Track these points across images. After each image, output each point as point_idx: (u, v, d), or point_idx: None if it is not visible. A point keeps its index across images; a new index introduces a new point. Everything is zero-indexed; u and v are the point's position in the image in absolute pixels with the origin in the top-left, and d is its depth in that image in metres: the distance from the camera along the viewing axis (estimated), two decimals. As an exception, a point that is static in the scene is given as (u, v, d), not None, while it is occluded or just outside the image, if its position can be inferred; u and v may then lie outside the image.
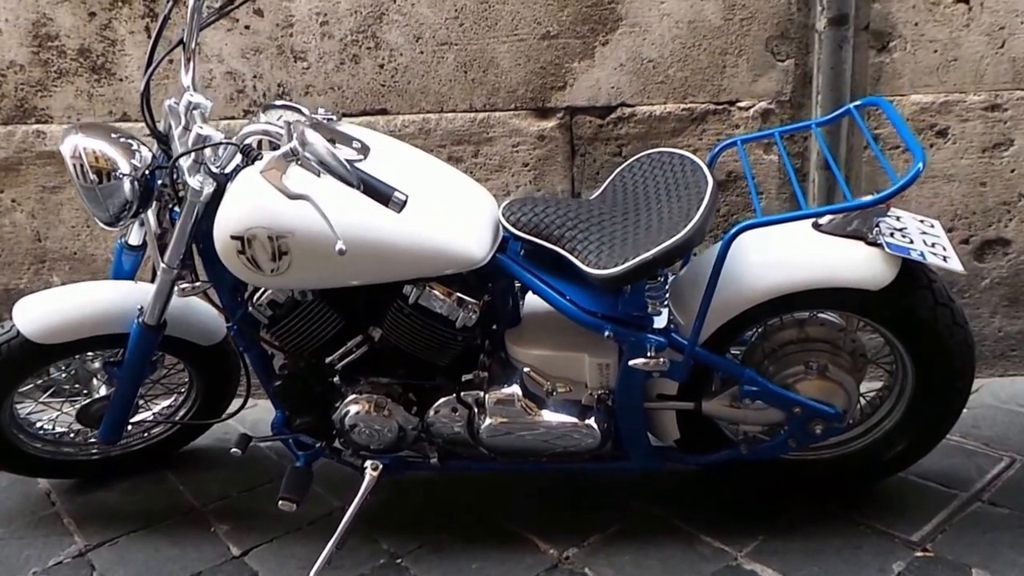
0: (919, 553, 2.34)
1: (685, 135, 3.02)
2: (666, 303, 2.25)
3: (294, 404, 2.45)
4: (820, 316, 2.36)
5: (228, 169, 2.20)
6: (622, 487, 2.69)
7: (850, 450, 2.52)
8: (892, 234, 2.18)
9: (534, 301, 2.39)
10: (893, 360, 2.45)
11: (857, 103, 2.34)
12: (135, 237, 2.55)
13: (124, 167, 2.22)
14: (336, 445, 2.49)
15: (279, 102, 2.17)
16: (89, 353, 2.67)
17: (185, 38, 2.25)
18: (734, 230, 2.05)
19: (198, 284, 2.33)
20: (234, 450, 2.41)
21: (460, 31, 2.98)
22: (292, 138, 1.83)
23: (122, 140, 2.27)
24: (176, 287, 2.33)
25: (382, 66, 3.04)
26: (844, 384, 2.31)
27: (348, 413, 2.37)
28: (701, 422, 2.41)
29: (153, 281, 2.38)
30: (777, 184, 3.05)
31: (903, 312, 2.23)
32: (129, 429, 2.78)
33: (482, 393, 2.36)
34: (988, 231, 3.05)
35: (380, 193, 1.82)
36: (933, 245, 2.17)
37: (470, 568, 2.41)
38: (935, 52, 2.88)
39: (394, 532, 2.55)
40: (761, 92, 2.97)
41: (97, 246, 3.30)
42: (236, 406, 2.75)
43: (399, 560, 2.46)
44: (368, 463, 2.42)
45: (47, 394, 2.81)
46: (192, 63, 2.24)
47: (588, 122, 3.05)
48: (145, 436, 2.92)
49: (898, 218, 2.28)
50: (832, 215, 2.23)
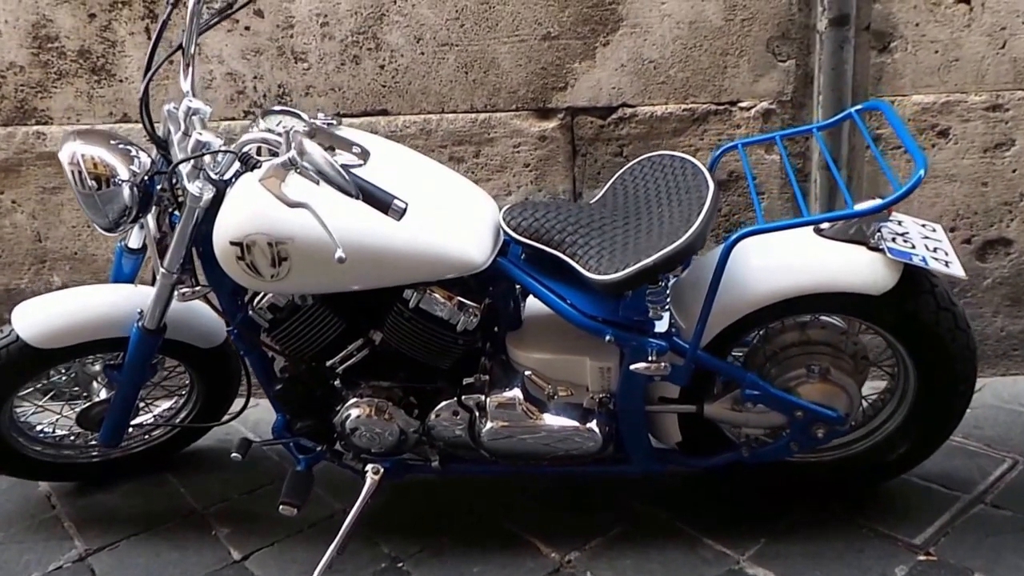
0: (922, 557, 2.34)
1: (686, 135, 3.02)
2: (667, 307, 2.25)
3: (295, 407, 2.44)
4: (822, 319, 2.36)
5: (227, 175, 2.19)
6: (624, 489, 2.68)
7: (852, 452, 2.52)
8: (894, 239, 2.17)
9: (535, 304, 2.37)
10: (895, 363, 2.44)
11: (858, 107, 2.34)
12: (135, 240, 2.54)
13: (123, 173, 2.21)
14: (337, 448, 2.47)
15: (278, 107, 2.17)
16: (89, 357, 2.66)
17: (184, 43, 2.23)
18: (734, 237, 2.04)
19: (198, 288, 2.32)
20: (234, 455, 2.40)
21: (461, 32, 2.97)
22: (290, 147, 1.82)
23: (121, 146, 2.26)
24: (176, 291, 2.32)
25: (383, 67, 3.03)
26: (846, 387, 2.30)
27: (349, 416, 2.37)
28: (703, 425, 2.41)
29: (153, 284, 2.37)
30: (779, 184, 3.05)
31: (905, 316, 2.23)
32: (130, 431, 2.77)
33: (483, 396, 2.36)
34: (990, 231, 3.05)
35: (380, 201, 1.81)
36: (935, 250, 2.17)
37: (471, 572, 2.41)
38: (936, 52, 2.88)
39: (395, 535, 2.55)
40: (762, 92, 2.97)
41: (98, 246, 3.29)
42: (237, 409, 2.74)
43: (400, 564, 2.45)
44: (369, 467, 2.42)
45: (47, 397, 2.80)
46: (191, 68, 2.23)
47: (589, 122, 3.04)
48: (146, 438, 2.91)
49: (900, 222, 2.27)
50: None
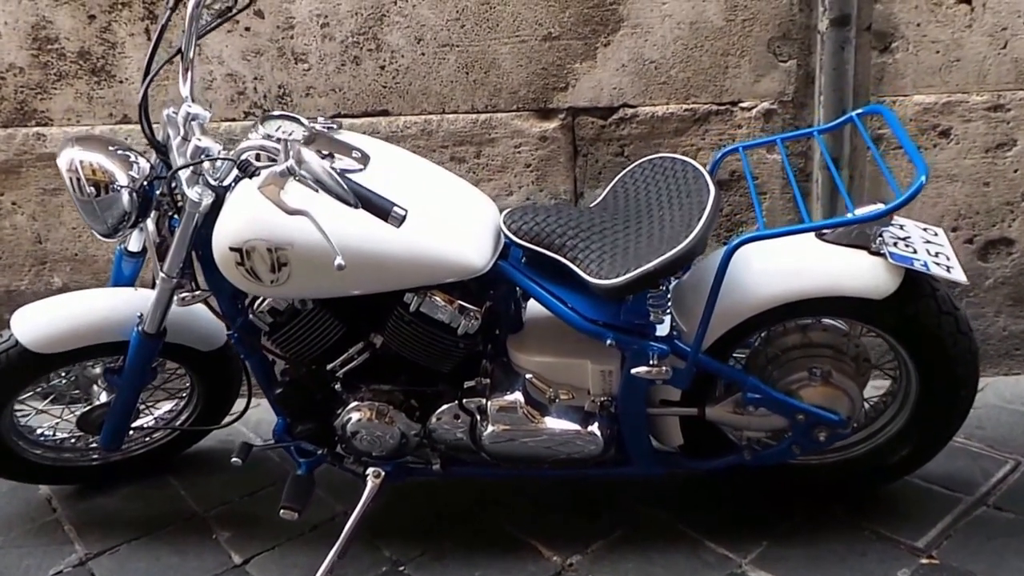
0: (924, 560, 2.34)
1: (687, 135, 3.01)
2: (668, 311, 2.24)
3: (296, 411, 2.43)
4: (824, 321, 2.35)
5: (226, 181, 2.19)
6: (625, 491, 2.68)
7: (854, 455, 2.51)
8: (895, 243, 2.16)
9: (536, 307, 2.36)
10: (897, 365, 2.43)
11: (859, 111, 2.32)
12: (135, 243, 2.52)
13: (122, 179, 2.20)
14: (338, 451, 2.47)
15: (277, 112, 2.16)
16: (89, 360, 2.65)
17: (183, 47, 2.22)
18: (734, 243, 2.04)
19: (198, 293, 2.31)
20: (235, 459, 2.39)
21: (461, 32, 2.96)
22: (288, 156, 1.82)
23: (119, 152, 2.25)
24: (176, 296, 2.32)
25: (383, 67, 3.02)
26: (848, 391, 2.29)
27: (350, 420, 2.36)
28: (705, 427, 2.40)
29: (153, 287, 2.37)
30: (781, 184, 3.04)
31: (907, 320, 2.22)
32: (130, 434, 2.77)
33: (484, 400, 2.35)
34: (992, 231, 3.04)
35: (379, 208, 1.80)
36: (937, 255, 2.16)
37: (473, 575, 2.42)
38: (937, 53, 2.87)
39: (396, 539, 2.55)
40: (763, 93, 2.96)
41: (98, 248, 3.28)
42: (237, 413, 2.73)
43: (401, 567, 2.45)
44: (370, 470, 2.42)
45: (47, 401, 2.79)
46: (190, 73, 2.21)
47: (590, 123, 3.03)
48: (146, 441, 2.90)
49: (901, 227, 2.26)
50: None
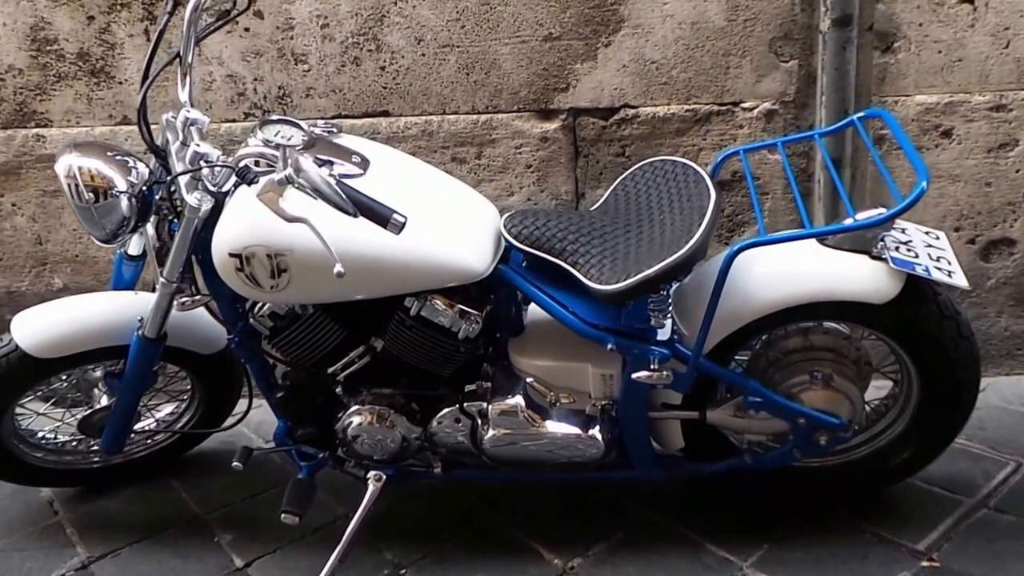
0: (925, 563, 2.33)
1: (689, 136, 3.00)
2: (669, 315, 2.24)
3: (296, 415, 2.44)
4: (825, 324, 2.34)
5: (225, 187, 2.18)
6: (626, 494, 2.67)
7: (855, 457, 2.51)
8: (897, 248, 2.15)
9: (537, 310, 2.36)
10: (898, 368, 2.43)
11: (860, 114, 2.31)
12: (135, 247, 2.52)
13: (121, 185, 2.19)
14: (339, 455, 2.46)
15: (275, 116, 2.15)
16: (90, 364, 2.64)
17: (181, 52, 2.21)
18: (734, 249, 2.03)
19: (198, 298, 2.31)
20: (235, 464, 2.38)
21: (462, 33, 2.95)
22: (286, 165, 1.81)
23: (118, 158, 2.24)
24: (176, 301, 2.31)
25: (383, 68, 3.01)
26: (849, 394, 2.29)
27: (351, 424, 2.36)
28: (706, 430, 2.40)
29: (154, 290, 2.36)
30: (783, 184, 3.03)
31: (908, 325, 2.22)
32: (132, 437, 2.77)
33: (485, 404, 2.35)
34: (994, 231, 3.03)
35: (379, 215, 1.80)
36: (938, 259, 2.15)
37: (474, 579, 2.42)
38: (939, 53, 2.86)
39: (398, 542, 2.55)
40: (765, 93, 2.95)
41: (98, 249, 3.27)
42: (238, 416, 2.73)
43: (403, 571, 2.45)
44: (371, 474, 2.41)
45: (48, 404, 2.78)
46: (189, 78, 2.21)
47: (591, 123, 3.02)
48: (148, 443, 2.90)
49: (903, 230, 2.26)
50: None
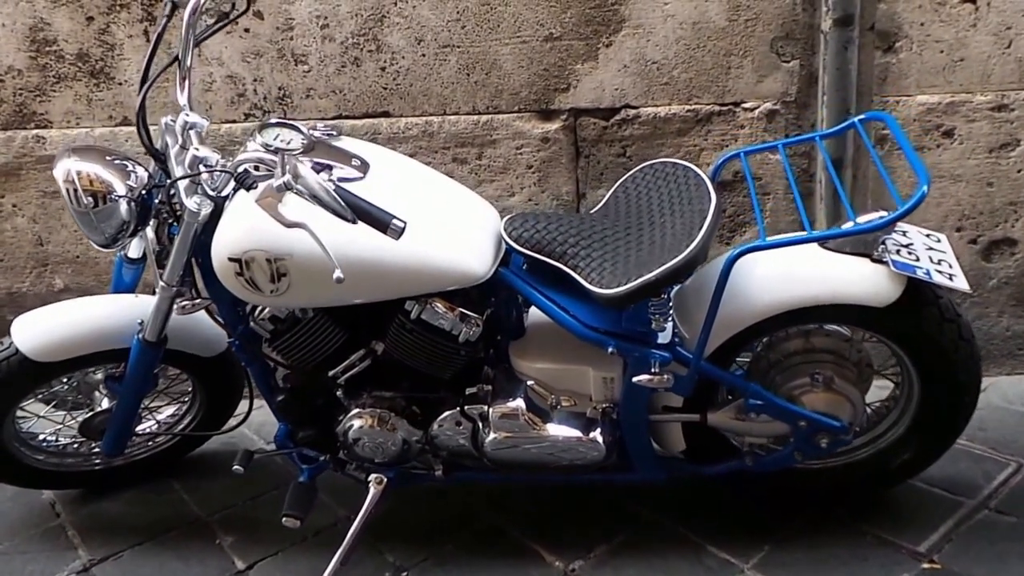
0: (926, 565, 2.33)
1: (690, 136, 2.99)
2: (670, 318, 2.23)
3: (297, 418, 2.43)
4: (826, 326, 2.34)
5: (225, 192, 2.18)
6: (628, 495, 2.67)
7: (856, 458, 2.51)
8: (898, 251, 2.15)
9: (538, 313, 2.35)
10: (900, 370, 2.42)
11: (861, 117, 2.30)
12: (135, 250, 2.52)
13: (120, 189, 2.19)
14: (340, 457, 2.46)
15: (274, 120, 2.15)
16: (91, 367, 2.64)
17: (180, 55, 2.20)
18: (734, 253, 2.03)
19: (198, 301, 2.30)
20: (236, 467, 2.38)
21: (462, 33, 2.95)
22: (285, 171, 1.81)
23: (116, 162, 2.23)
24: (176, 304, 2.31)
25: (383, 69, 3.01)
26: (850, 396, 2.29)
27: (352, 427, 2.36)
28: (707, 433, 2.40)
29: (155, 293, 2.36)
30: (784, 185, 3.03)
31: (909, 328, 2.22)
32: (133, 439, 2.77)
33: (486, 407, 2.35)
34: (995, 231, 3.03)
35: (378, 221, 1.79)
36: (939, 262, 2.15)
37: (476, 581, 2.42)
38: (941, 52, 2.85)
39: (399, 544, 2.55)
40: (766, 93, 2.94)
41: (99, 250, 3.27)
42: (239, 418, 2.73)
43: (404, 573, 2.45)
44: (372, 477, 2.41)
45: (49, 407, 2.78)
46: (187, 81, 2.19)
47: (592, 124, 3.02)
48: (149, 445, 2.90)
49: (904, 233, 2.25)
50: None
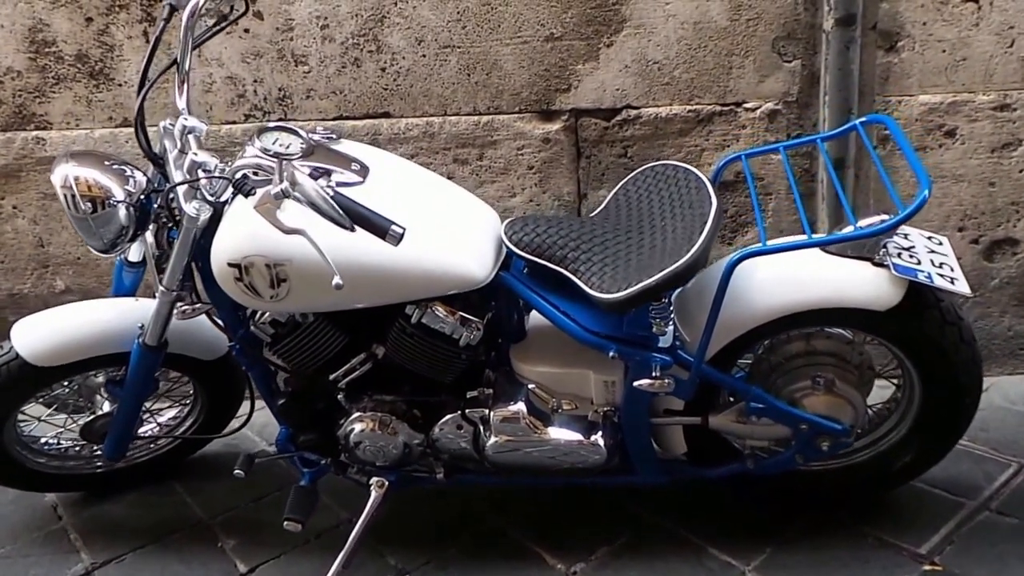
0: (927, 567, 2.33)
1: (691, 137, 2.99)
2: (671, 322, 2.23)
3: (298, 421, 2.43)
4: (827, 329, 2.34)
5: (224, 197, 2.17)
6: (629, 498, 2.67)
7: (857, 460, 2.50)
8: (899, 254, 2.14)
9: (539, 316, 2.35)
10: (901, 373, 2.42)
11: (862, 119, 2.30)
12: (135, 253, 2.51)
13: (118, 194, 2.19)
14: (342, 461, 2.46)
15: (273, 124, 2.15)
16: (92, 371, 2.63)
17: (178, 58, 2.19)
18: (735, 258, 2.03)
19: (198, 306, 2.30)
20: (237, 471, 2.37)
21: (463, 33, 2.94)
22: (282, 178, 1.80)
23: (115, 167, 2.24)
24: (176, 309, 2.30)
25: (384, 69, 3.00)
26: (851, 399, 2.28)
27: (353, 430, 2.36)
28: (709, 435, 2.39)
29: (155, 297, 2.36)
30: (787, 185, 3.01)
31: (910, 331, 2.21)
32: (135, 442, 2.77)
33: (487, 410, 2.34)
34: (997, 231, 3.02)
35: (377, 227, 1.79)
36: (941, 265, 2.14)
37: (478, 584, 2.42)
38: (944, 52, 2.84)
39: (401, 547, 2.55)
40: (768, 93, 2.93)
41: (98, 255, 3.26)
42: (241, 420, 2.73)
43: (406, 576, 2.47)
44: (374, 480, 2.41)
45: (51, 410, 2.77)
46: (186, 85, 2.18)
47: (593, 124, 3.01)
48: (151, 447, 2.90)
49: (906, 236, 2.24)
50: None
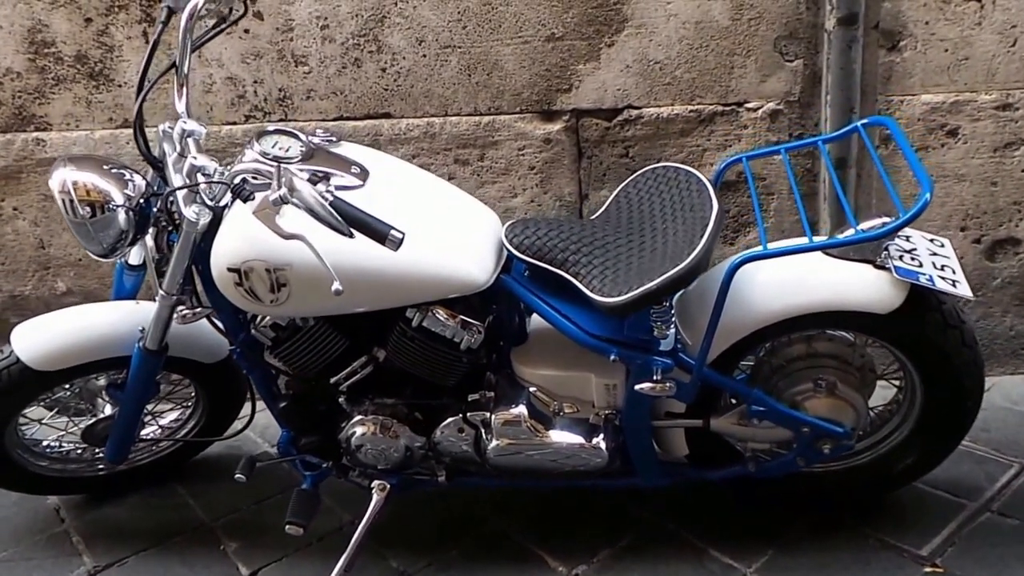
0: (928, 569, 2.33)
1: (693, 137, 2.98)
2: (672, 325, 2.22)
3: (300, 424, 2.43)
4: (829, 332, 2.33)
5: (223, 202, 2.16)
6: (631, 499, 2.67)
7: (859, 462, 2.50)
8: (901, 257, 2.14)
9: (540, 319, 2.35)
10: (903, 375, 2.42)
11: (864, 121, 2.29)
12: (135, 257, 2.50)
13: (118, 198, 2.18)
14: (343, 463, 2.46)
15: (272, 127, 2.13)
16: (93, 374, 2.63)
17: (177, 61, 2.17)
18: (736, 261, 2.02)
19: (199, 310, 2.29)
20: (239, 475, 2.37)
21: (463, 33, 2.93)
22: (281, 184, 1.80)
23: (114, 171, 2.23)
24: (176, 314, 2.30)
25: (384, 70, 2.99)
26: (853, 402, 2.28)
27: (354, 434, 2.36)
28: (710, 438, 2.39)
29: (155, 300, 2.35)
30: (788, 184, 3.00)
31: (912, 334, 2.21)
32: (137, 444, 2.76)
33: (488, 413, 2.34)
34: (999, 231, 3.01)
35: (376, 232, 1.79)
36: (943, 268, 2.13)
37: (480, 586, 2.42)
38: (946, 51, 2.83)
39: (403, 549, 2.54)
40: (769, 93, 2.93)
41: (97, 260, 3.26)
42: (243, 422, 2.72)
43: (408, 578, 2.47)
44: (375, 483, 2.41)
45: (52, 413, 2.77)
46: (185, 88, 2.16)
47: (594, 124, 3.00)
48: (152, 449, 2.90)
49: (908, 238, 2.24)
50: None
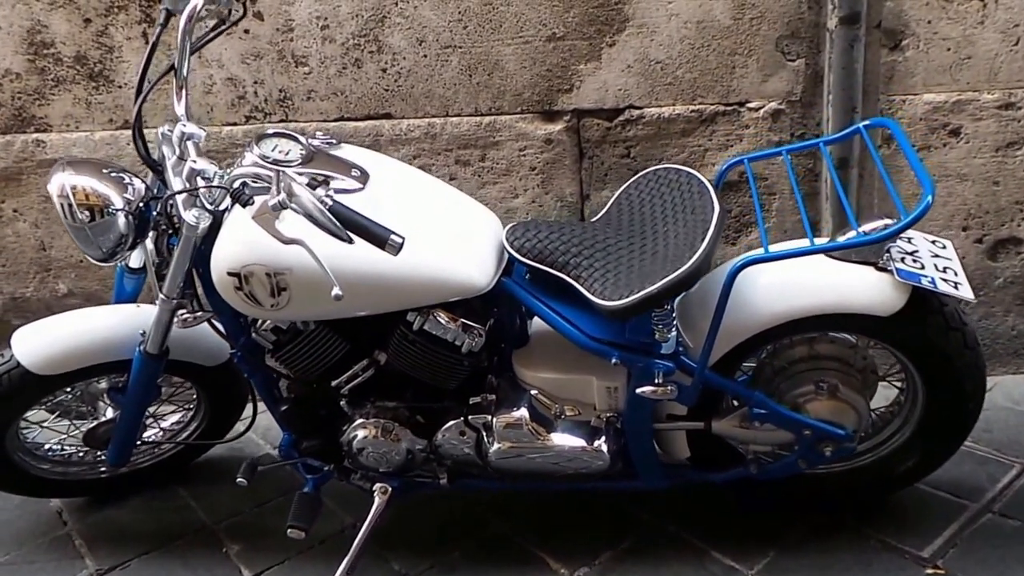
0: (929, 570, 2.33)
1: (694, 137, 2.97)
2: (673, 328, 2.22)
3: (301, 428, 2.43)
4: (830, 333, 2.33)
5: (223, 206, 2.15)
6: (633, 501, 2.67)
7: (860, 464, 2.50)
8: (903, 259, 2.13)
9: (541, 322, 2.35)
10: (904, 377, 2.41)
11: (866, 123, 2.29)
12: (136, 260, 2.48)
13: (117, 202, 2.18)
14: (345, 466, 2.46)
15: (272, 130, 2.12)
16: (94, 377, 2.62)
17: (176, 64, 2.16)
18: (737, 265, 2.02)
19: (199, 314, 2.28)
20: (240, 480, 2.36)
21: (464, 34, 2.92)
22: (280, 190, 1.79)
23: (113, 174, 2.23)
24: (177, 318, 2.29)
25: (385, 70, 2.99)
26: (854, 404, 2.28)
27: (356, 437, 2.35)
28: (712, 440, 2.39)
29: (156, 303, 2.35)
30: (790, 185, 3.00)
31: (914, 336, 2.20)
32: (138, 447, 2.77)
33: (490, 416, 2.34)
34: (1001, 230, 3.01)
35: (375, 237, 1.78)
36: (944, 269, 2.13)
37: (481, 589, 2.42)
38: (948, 50, 2.82)
39: (405, 552, 2.54)
40: (771, 92, 2.92)
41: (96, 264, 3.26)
42: (245, 424, 2.72)
43: (410, 581, 2.46)
44: (377, 486, 2.41)
45: (53, 416, 2.77)
46: (184, 91, 2.14)
47: (596, 125, 3.00)
48: (154, 452, 2.90)
49: (910, 240, 2.23)
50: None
